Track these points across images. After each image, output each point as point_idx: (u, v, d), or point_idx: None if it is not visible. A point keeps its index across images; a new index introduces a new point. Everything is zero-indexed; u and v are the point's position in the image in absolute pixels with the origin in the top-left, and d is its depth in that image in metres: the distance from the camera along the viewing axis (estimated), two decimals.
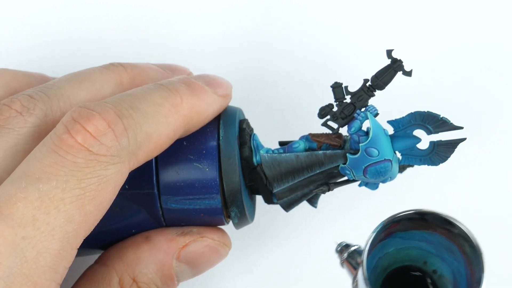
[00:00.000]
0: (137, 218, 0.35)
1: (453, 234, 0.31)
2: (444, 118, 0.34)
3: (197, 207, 0.35)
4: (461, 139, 0.34)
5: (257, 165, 0.36)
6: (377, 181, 0.35)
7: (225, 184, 0.35)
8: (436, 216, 0.31)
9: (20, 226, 0.28)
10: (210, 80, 0.36)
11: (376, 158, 0.34)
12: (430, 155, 0.35)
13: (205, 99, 0.35)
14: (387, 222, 0.30)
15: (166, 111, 0.33)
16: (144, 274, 0.35)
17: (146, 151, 0.32)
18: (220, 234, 0.36)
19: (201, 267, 0.36)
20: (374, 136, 0.34)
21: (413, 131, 0.35)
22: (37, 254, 0.28)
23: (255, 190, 0.37)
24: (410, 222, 0.31)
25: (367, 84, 0.35)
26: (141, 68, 0.38)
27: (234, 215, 0.36)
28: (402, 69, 0.35)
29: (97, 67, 0.37)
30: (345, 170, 0.35)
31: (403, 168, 0.37)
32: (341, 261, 0.35)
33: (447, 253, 0.32)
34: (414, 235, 0.32)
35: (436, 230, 0.31)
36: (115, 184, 0.31)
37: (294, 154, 0.35)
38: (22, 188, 0.29)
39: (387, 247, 0.32)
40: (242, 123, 0.37)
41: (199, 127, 0.35)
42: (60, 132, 0.30)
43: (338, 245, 0.35)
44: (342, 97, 0.35)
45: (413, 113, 0.34)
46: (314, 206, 0.38)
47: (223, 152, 0.35)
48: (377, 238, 0.30)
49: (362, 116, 0.35)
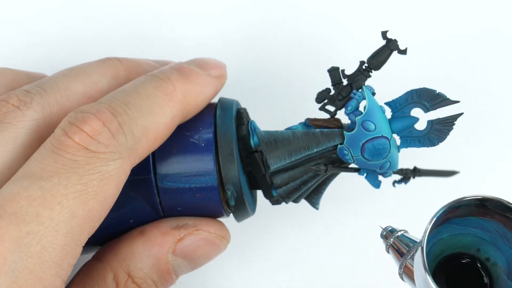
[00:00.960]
0: (134, 206, 0.35)
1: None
2: (440, 93, 0.34)
3: (193, 186, 0.34)
4: (458, 114, 0.34)
5: (254, 150, 0.35)
6: (376, 165, 0.34)
7: (221, 158, 0.34)
8: (497, 202, 0.30)
9: (24, 222, 0.28)
10: (202, 63, 0.36)
11: (373, 133, 0.34)
12: (428, 135, 0.34)
13: (199, 82, 0.35)
14: (448, 207, 0.29)
15: (160, 101, 0.33)
16: (139, 269, 0.34)
17: (146, 144, 0.32)
18: (217, 227, 0.36)
19: (198, 261, 0.36)
20: (370, 109, 0.34)
21: (410, 111, 0.35)
22: (42, 249, 0.29)
23: (255, 183, 0.37)
24: (469, 208, 0.30)
25: (363, 66, 0.35)
26: (137, 62, 0.38)
27: (230, 195, 0.35)
28: (397, 48, 0.35)
29: (93, 62, 0.37)
30: (343, 150, 0.34)
31: (406, 179, 0.37)
32: (386, 247, 0.34)
33: (502, 241, 0.31)
34: (470, 221, 0.31)
35: (494, 217, 0.31)
36: (118, 181, 0.31)
37: (291, 131, 0.35)
38: (25, 187, 0.29)
39: (442, 233, 0.31)
40: (240, 109, 0.37)
41: (197, 110, 0.35)
42: (58, 135, 0.31)
43: (383, 229, 0.34)
44: (339, 80, 0.35)
45: (409, 91, 0.34)
46: (315, 207, 0.37)
47: (219, 127, 0.35)
48: (436, 223, 0.29)
49: (359, 96, 0.35)
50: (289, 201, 0.37)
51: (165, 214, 0.35)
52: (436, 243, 0.31)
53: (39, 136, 0.33)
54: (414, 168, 0.36)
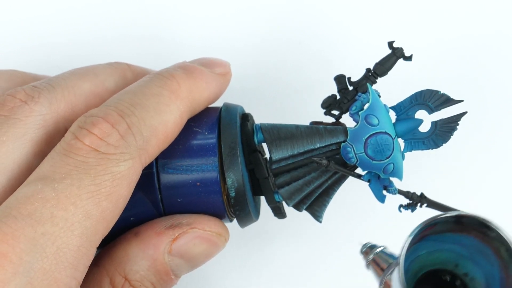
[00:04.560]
0: (134, 200, 0.34)
1: (489, 237, 0.30)
2: (444, 93, 0.34)
3: (194, 174, 0.34)
4: (462, 113, 0.34)
5: (258, 149, 0.36)
6: (380, 165, 0.34)
7: (223, 146, 0.34)
8: (473, 219, 0.30)
9: (39, 223, 0.29)
10: (206, 61, 0.36)
11: (376, 127, 0.34)
12: (432, 136, 0.34)
13: (203, 78, 0.35)
14: (425, 225, 0.29)
15: (166, 99, 0.33)
16: (136, 271, 0.34)
17: (156, 143, 0.32)
18: (213, 224, 0.35)
19: (196, 260, 0.35)
20: (373, 103, 0.34)
21: (414, 113, 0.35)
22: (57, 249, 0.29)
23: (258, 188, 0.36)
24: (445, 224, 0.30)
25: (369, 73, 0.35)
26: (145, 69, 0.39)
27: (231, 183, 0.34)
28: (403, 54, 0.35)
29: (102, 64, 0.37)
30: (347, 147, 0.34)
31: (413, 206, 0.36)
32: (366, 263, 0.34)
33: (480, 256, 0.31)
34: (447, 237, 0.31)
35: (470, 233, 0.31)
36: (130, 181, 0.31)
37: (295, 124, 0.35)
38: (39, 189, 0.29)
39: (419, 250, 0.31)
40: (245, 113, 0.37)
41: (203, 106, 0.35)
42: (69, 139, 0.31)
43: (363, 246, 0.35)
44: (345, 87, 0.36)
45: (414, 94, 0.35)
46: (318, 220, 0.37)
47: (223, 119, 0.35)
48: (413, 241, 0.29)
49: (364, 97, 0.35)
50: (291, 204, 0.36)
51: (164, 204, 0.35)
52: (414, 260, 0.31)
53: (46, 131, 0.33)
54: (421, 194, 0.35)
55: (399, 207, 0.36)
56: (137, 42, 0.47)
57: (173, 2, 0.47)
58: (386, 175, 0.35)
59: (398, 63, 0.35)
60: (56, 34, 0.47)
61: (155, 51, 0.46)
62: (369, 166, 0.35)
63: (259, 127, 0.36)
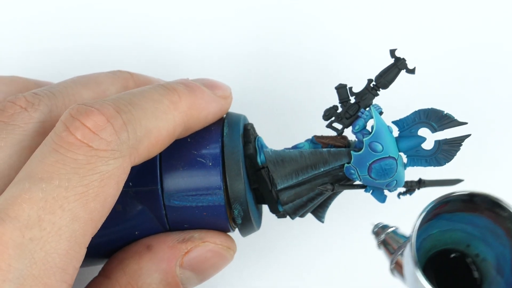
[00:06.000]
0: (140, 218, 0.35)
1: (501, 217, 0.30)
2: (448, 114, 0.34)
3: (200, 205, 0.34)
4: (466, 135, 0.34)
5: (261, 166, 0.35)
6: (383, 183, 0.35)
7: (228, 177, 0.34)
8: (486, 197, 0.30)
9: (27, 227, 0.28)
10: (208, 82, 0.36)
11: (380, 153, 0.34)
12: (435, 155, 0.34)
13: (203, 97, 0.35)
14: (437, 202, 0.30)
15: (165, 107, 0.33)
16: (148, 284, 0.34)
17: (147, 146, 0.32)
18: (223, 238, 0.36)
19: (206, 273, 0.36)
20: (377, 130, 0.34)
21: (417, 130, 0.35)
22: (46, 255, 0.28)
23: (261, 198, 0.37)
24: (458, 203, 0.30)
25: (371, 84, 0.35)
26: (148, 78, 0.39)
27: (237, 214, 0.35)
28: (405, 67, 0.34)
29: (104, 72, 0.37)
30: (350, 169, 0.35)
31: (411, 191, 0.37)
32: (377, 243, 0.34)
33: (492, 237, 0.31)
34: (459, 217, 0.31)
35: (483, 213, 0.31)
36: (118, 180, 0.31)
37: (298, 151, 0.35)
38: (26, 189, 0.29)
39: (432, 229, 0.31)
40: (247, 126, 0.37)
41: (200, 125, 0.35)
42: (60, 130, 0.30)
43: (374, 226, 0.35)
44: (347, 98, 0.35)
45: (417, 111, 0.34)
46: (321, 220, 0.37)
47: (226, 147, 0.35)
48: (426, 218, 0.30)
49: (366, 115, 0.34)
50: (295, 217, 0.37)
51: (171, 228, 0.35)
52: (426, 239, 0.32)
53: (45, 138, 0.32)
54: (419, 180, 0.36)
55: (398, 195, 0.36)
56: (141, 49, 0.47)
57: (179, 15, 0.47)
58: (389, 188, 0.35)
59: (400, 74, 0.35)
60: (59, 40, 0.47)
61: (158, 59, 0.46)
62: (372, 184, 0.35)
63: (261, 146, 0.36)
